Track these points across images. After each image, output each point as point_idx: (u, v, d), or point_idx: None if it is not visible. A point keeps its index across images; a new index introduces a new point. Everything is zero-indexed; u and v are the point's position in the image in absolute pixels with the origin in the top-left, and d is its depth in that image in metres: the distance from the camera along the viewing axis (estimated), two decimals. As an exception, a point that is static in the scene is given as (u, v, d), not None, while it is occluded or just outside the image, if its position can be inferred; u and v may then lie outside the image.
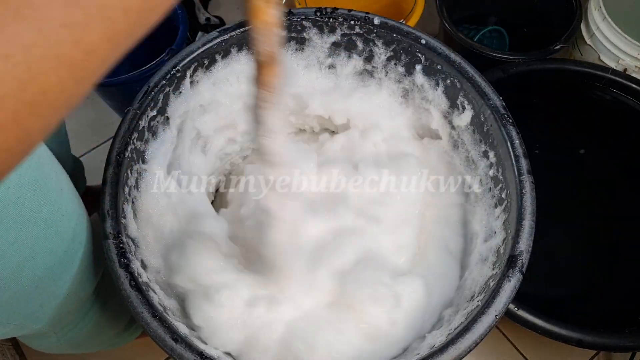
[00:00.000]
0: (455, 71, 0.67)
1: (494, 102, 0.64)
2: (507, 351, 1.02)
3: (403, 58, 0.73)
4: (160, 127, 0.70)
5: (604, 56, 1.04)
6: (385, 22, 0.71)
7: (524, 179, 0.59)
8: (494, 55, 1.02)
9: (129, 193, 0.63)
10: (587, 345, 0.78)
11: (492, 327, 0.52)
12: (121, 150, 0.62)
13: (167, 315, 0.55)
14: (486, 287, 0.56)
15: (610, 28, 1.00)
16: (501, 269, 0.55)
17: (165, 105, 0.69)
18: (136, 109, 0.66)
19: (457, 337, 0.51)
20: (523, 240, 0.56)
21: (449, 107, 0.72)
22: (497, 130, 0.63)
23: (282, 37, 0.43)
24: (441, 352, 0.51)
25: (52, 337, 0.64)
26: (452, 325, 0.56)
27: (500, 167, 0.64)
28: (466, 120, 0.69)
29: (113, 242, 0.57)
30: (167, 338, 0.52)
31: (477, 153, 0.69)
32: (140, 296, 0.53)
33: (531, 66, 0.99)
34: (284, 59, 0.44)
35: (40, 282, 0.51)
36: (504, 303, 0.53)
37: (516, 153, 0.61)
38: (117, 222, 0.58)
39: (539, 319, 0.79)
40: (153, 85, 0.67)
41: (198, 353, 0.51)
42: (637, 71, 1.00)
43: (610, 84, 0.98)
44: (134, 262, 0.56)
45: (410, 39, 0.70)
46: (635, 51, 0.98)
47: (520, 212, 0.57)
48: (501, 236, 0.60)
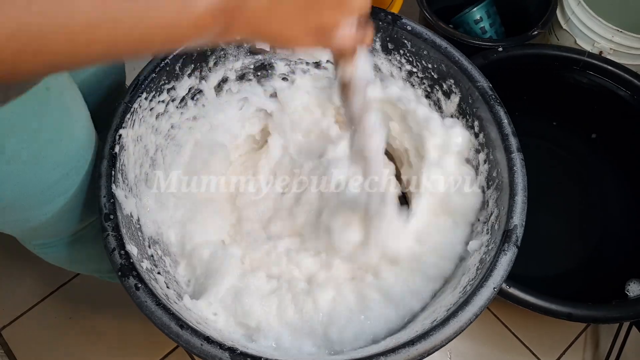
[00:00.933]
0: (442, 55, 0.69)
1: (481, 83, 0.66)
2: (499, 330, 1.05)
3: (389, 45, 0.75)
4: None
5: (580, 40, 1.07)
6: (371, 10, 0.72)
7: (514, 157, 0.61)
8: (474, 42, 1.04)
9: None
10: (577, 318, 0.81)
11: (491, 300, 0.54)
12: (114, 144, 0.62)
13: (169, 303, 0.55)
14: (482, 262, 0.58)
15: (585, 12, 1.03)
16: (497, 244, 0.57)
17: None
18: (127, 102, 0.65)
19: (457, 310, 0.53)
20: (517, 215, 0.57)
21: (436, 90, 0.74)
22: (485, 111, 0.65)
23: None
24: (442, 325, 0.52)
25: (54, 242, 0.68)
26: (452, 299, 0.57)
27: (489, 147, 0.66)
28: (454, 103, 0.70)
29: (112, 235, 0.57)
30: (172, 325, 0.52)
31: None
32: (142, 286, 0.54)
33: (510, 52, 1.02)
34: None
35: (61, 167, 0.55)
36: (501, 276, 0.55)
37: (505, 132, 0.63)
38: (114, 214, 0.58)
39: (531, 295, 0.81)
40: (143, 78, 0.67)
41: (204, 338, 0.51)
42: (612, 53, 1.03)
43: (586, 66, 1.01)
44: (132, 249, 0.57)
45: (396, 25, 0.72)
46: (610, 34, 1.01)
47: (513, 188, 0.59)
48: (495, 213, 0.62)
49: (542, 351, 1.02)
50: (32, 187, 0.54)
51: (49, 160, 0.54)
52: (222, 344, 0.52)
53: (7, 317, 1.06)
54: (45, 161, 0.53)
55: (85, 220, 0.67)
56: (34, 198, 0.56)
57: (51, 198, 0.58)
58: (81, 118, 0.59)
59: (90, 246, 0.72)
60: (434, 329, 0.53)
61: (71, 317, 1.07)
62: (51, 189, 0.57)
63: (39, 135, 0.50)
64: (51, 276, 1.10)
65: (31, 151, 0.50)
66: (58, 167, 0.56)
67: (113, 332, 1.05)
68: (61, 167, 0.56)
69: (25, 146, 0.49)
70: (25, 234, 0.67)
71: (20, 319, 1.06)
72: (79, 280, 1.10)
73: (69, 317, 1.07)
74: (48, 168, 0.54)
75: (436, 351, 0.52)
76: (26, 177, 0.52)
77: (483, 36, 1.18)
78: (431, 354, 0.52)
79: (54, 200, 0.59)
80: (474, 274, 0.58)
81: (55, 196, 0.58)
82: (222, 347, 0.51)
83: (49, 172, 0.55)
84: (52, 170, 0.55)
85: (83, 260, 0.78)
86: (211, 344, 0.51)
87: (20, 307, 1.07)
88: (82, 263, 0.79)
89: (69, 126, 0.55)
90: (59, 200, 0.59)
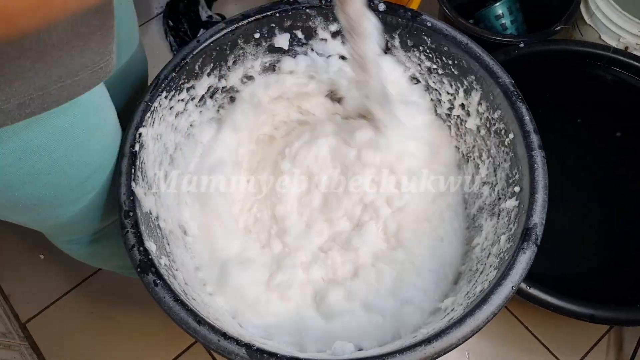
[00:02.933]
0: (463, 52, 0.68)
1: (503, 80, 0.65)
2: (518, 331, 1.03)
3: (409, 42, 0.74)
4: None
5: (605, 35, 1.04)
6: (390, 7, 0.72)
7: (535, 154, 0.60)
8: (495, 38, 1.02)
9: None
10: (600, 320, 0.79)
11: (509, 299, 0.53)
12: (134, 142, 0.63)
13: (188, 299, 0.56)
14: (501, 260, 0.57)
15: (610, 6, 1.00)
16: (516, 242, 0.56)
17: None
18: (147, 101, 0.66)
19: (475, 309, 0.52)
20: (537, 213, 0.56)
21: (458, 87, 0.73)
22: (507, 108, 0.64)
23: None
24: (460, 324, 0.52)
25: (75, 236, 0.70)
26: (468, 300, 0.57)
27: (512, 144, 0.65)
28: (475, 99, 0.70)
29: (131, 232, 0.58)
30: (190, 320, 0.52)
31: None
32: (161, 282, 0.54)
33: (532, 48, 1.00)
34: None
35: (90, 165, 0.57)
36: (520, 274, 0.54)
37: (526, 129, 0.62)
38: (134, 211, 0.59)
39: (552, 296, 0.80)
40: (163, 77, 0.68)
41: (221, 334, 0.52)
42: (639, 49, 1.01)
43: (612, 62, 0.99)
44: (151, 246, 0.57)
45: (416, 22, 0.71)
46: (636, 28, 0.98)
47: (533, 186, 0.58)
48: (515, 210, 0.61)
49: (563, 352, 1.01)
50: (63, 186, 0.55)
51: (79, 159, 0.55)
52: (239, 340, 0.52)
53: (31, 310, 1.09)
54: (75, 159, 0.54)
55: (110, 217, 0.68)
56: (64, 196, 0.57)
57: (80, 196, 0.59)
58: (109, 116, 0.60)
59: (114, 243, 0.73)
60: (451, 327, 0.52)
61: (93, 311, 1.09)
62: (80, 187, 0.58)
63: (70, 133, 0.51)
64: (73, 271, 1.12)
65: (62, 149, 0.51)
66: (87, 165, 0.57)
67: (134, 327, 1.06)
68: (90, 165, 0.57)
69: (56, 144, 0.50)
70: (53, 230, 0.69)
71: (44, 313, 1.09)
72: (100, 275, 1.12)
73: (90, 312, 1.09)
74: (78, 166, 0.55)
75: (453, 349, 0.51)
76: (57, 176, 0.53)
77: (504, 33, 1.16)
78: (448, 352, 0.51)
79: (82, 198, 0.60)
80: (492, 272, 0.57)
81: (84, 194, 0.60)
82: (239, 343, 0.52)
83: (79, 170, 0.56)
84: (82, 168, 0.56)
85: (107, 257, 0.79)
86: (228, 339, 0.52)
87: (44, 301, 1.10)
88: (106, 259, 0.81)
89: (98, 123, 0.56)
90: (86, 198, 0.60)
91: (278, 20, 0.73)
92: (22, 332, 1.06)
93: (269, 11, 0.72)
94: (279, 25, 0.74)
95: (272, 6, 0.72)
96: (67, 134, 0.51)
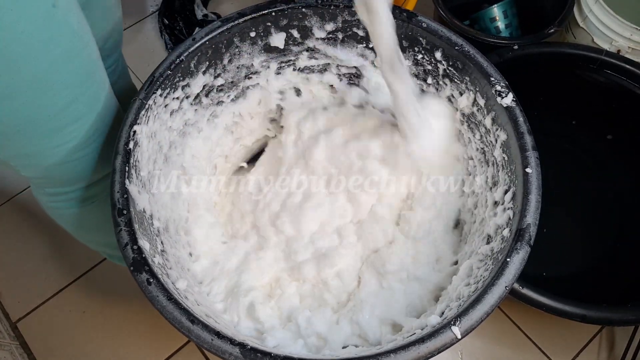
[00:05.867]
0: (457, 53, 0.68)
1: (497, 81, 0.65)
2: (511, 330, 1.04)
3: (404, 43, 0.74)
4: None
5: (597, 38, 1.05)
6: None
7: (529, 155, 0.60)
8: (489, 40, 1.03)
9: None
10: (591, 320, 0.80)
11: (502, 299, 0.53)
12: (128, 140, 0.63)
13: (181, 298, 0.55)
14: (494, 260, 0.58)
15: (603, 10, 1.01)
16: (509, 242, 0.56)
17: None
18: (142, 99, 0.66)
19: (468, 309, 0.52)
20: (530, 214, 0.57)
21: (451, 88, 0.73)
22: (501, 109, 0.64)
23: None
24: (453, 324, 0.52)
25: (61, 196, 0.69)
26: (461, 299, 0.57)
27: (506, 145, 0.65)
28: (470, 101, 0.70)
29: (125, 230, 0.57)
30: (183, 320, 0.52)
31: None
32: (154, 280, 0.54)
33: (526, 50, 1.01)
34: None
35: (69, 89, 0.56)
36: (513, 274, 0.54)
37: (520, 130, 0.62)
38: (127, 209, 0.58)
39: (544, 296, 0.80)
40: (158, 75, 0.68)
41: (215, 333, 0.52)
42: (630, 52, 1.01)
43: (604, 65, 0.99)
44: (144, 245, 0.57)
45: (411, 23, 0.71)
46: (628, 32, 0.99)
47: (527, 186, 0.58)
48: (508, 211, 0.61)
49: (555, 352, 1.01)
50: (42, 110, 0.55)
51: (58, 80, 0.54)
52: (233, 339, 0.52)
53: (22, 310, 1.08)
54: (54, 79, 0.53)
55: (98, 171, 0.67)
56: (43, 123, 0.56)
57: (61, 127, 0.58)
58: (88, 44, 0.59)
59: (102, 211, 0.71)
60: (445, 326, 0.52)
61: (84, 311, 1.08)
62: (60, 114, 0.57)
63: (48, 49, 0.51)
64: (64, 271, 1.12)
65: (41, 66, 0.51)
66: (67, 88, 0.56)
67: (125, 326, 1.06)
68: (70, 89, 0.56)
69: (38, 57, 0.50)
70: (41, 179, 0.67)
71: (34, 312, 1.08)
72: (91, 275, 1.12)
73: (82, 311, 1.08)
74: (57, 88, 0.55)
75: (446, 349, 0.51)
76: (35, 95, 0.53)
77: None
78: (441, 351, 0.51)
79: (64, 130, 0.59)
80: (485, 272, 0.58)
81: (65, 125, 0.59)
82: (233, 342, 0.51)
83: (58, 92, 0.55)
84: (62, 91, 0.55)
85: (93, 227, 0.77)
86: (222, 339, 0.52)
87: (34, 301, 1.09)
88: (92, 230, 0.79)
89: (77, 47, 0.55)
90: (69, 131, 0.59)
91: (274, 19, 0.73)
92: (13, 332, 1.05)
93: (265, 10, 0.72)
94: (274, 24, 0.74)
95: (269, 5, 0.72)
96: (44, 48, 0.50)
